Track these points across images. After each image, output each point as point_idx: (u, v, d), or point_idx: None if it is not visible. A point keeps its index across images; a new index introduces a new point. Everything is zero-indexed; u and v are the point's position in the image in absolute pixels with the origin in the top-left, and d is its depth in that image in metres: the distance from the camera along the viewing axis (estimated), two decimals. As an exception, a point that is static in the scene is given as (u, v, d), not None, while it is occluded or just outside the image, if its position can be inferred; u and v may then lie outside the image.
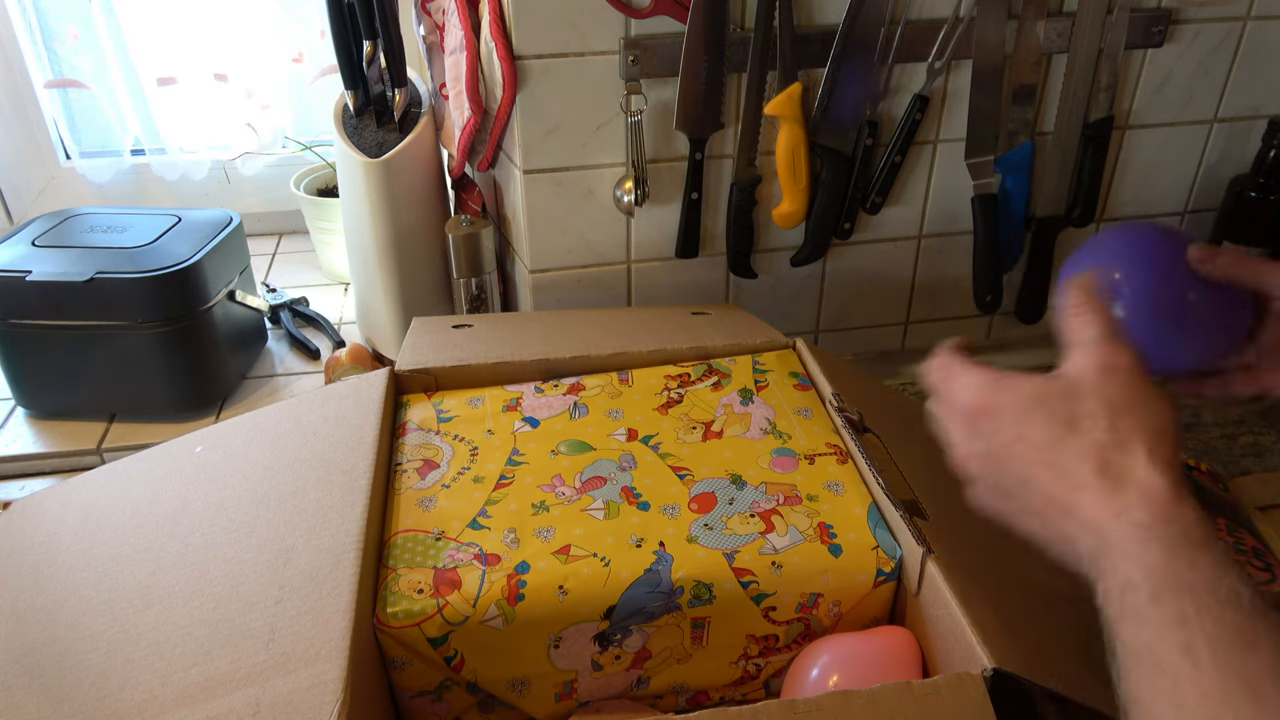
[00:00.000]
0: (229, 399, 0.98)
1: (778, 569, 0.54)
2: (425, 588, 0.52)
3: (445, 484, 0.60)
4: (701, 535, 0.56)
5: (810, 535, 0.56)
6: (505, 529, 0.56)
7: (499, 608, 0.51)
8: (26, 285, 0.86)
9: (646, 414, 0.67)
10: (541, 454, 0.63)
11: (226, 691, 0.46)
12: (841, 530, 0.57)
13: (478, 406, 0.68)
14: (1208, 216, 1.05)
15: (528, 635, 0.52)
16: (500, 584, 0.52)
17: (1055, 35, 0.90)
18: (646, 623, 0.54)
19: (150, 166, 1.29)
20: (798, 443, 0.64)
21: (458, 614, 0.51)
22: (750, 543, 0.55)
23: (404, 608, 0.51)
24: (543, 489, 0.59)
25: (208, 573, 0.54)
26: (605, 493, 0.59)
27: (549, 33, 0.82)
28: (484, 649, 0.53)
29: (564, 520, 0.57)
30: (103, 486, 0.66)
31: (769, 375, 0.72)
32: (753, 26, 0.83)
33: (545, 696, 0.56)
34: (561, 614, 0.52)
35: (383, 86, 0.95)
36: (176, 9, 1.19)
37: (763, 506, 0.58)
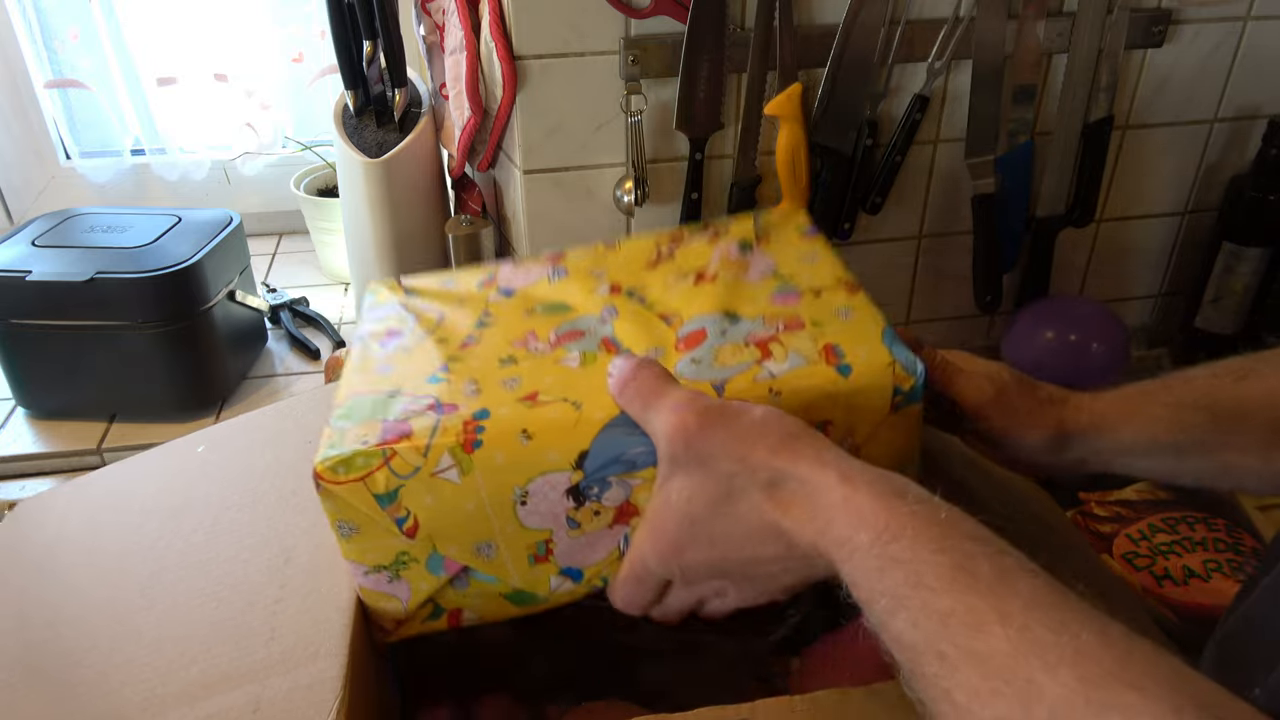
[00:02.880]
0: (229, 399, 0.98)
1: (775, 395, 0.47)
2: (371, 438, 0.45)
3: (406, 348, 0.54)
4: (686, 371, 0.48)
5: (814, 358, 0.48)
6: (467, 380, 0.49)
7: (453, 456, 0.45)
8: (26, 285, 0.86)
9: (633, 270, 0.59)
10: (514, 314, 0.56)
11: (227, 690, 0.46)
12: (851, 349, 0.48)
13: (449, 286, 0.61)
14: (1208, 216, 1.05)
15: (489, 489, 0.46)
16: (455, 429, 0.45)
17: (1055, 35, 0.90)
18: (628, 473, 0.46)
19: (150, 166, 1.29)
20: (803, 281, 0.55)
21: (406, 465, 0.45)
22: (743, 371, 0.48)
23: (345, 460, 0.45)
24: (513, 344, 0.53)
25: (208, 572, 0.54)
26: (583, 344, 0.52)
27: (549, 33, 0.82)
28: (440, 508, 0.46)
29: (533, 371, 0.50)
30: (105, 486, 0.66)
31: (771, 229, 0.62)
32: (753, 26, 0.83)
33: (518, 559, 0.49)
34: (526, 462, 0.45)
35: (383, 86, 0.95)
36: (176, 9, 1.19)
37: (759, 335, 0.50)
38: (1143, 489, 0.80)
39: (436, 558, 0.48)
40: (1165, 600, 0.70)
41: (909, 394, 0.48)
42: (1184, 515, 0.76)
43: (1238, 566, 0.72)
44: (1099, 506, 0.79)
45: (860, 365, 0.48)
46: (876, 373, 0.47)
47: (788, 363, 0.48)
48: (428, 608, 0.51)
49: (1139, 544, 0.74)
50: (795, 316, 0.52)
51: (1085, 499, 0.80)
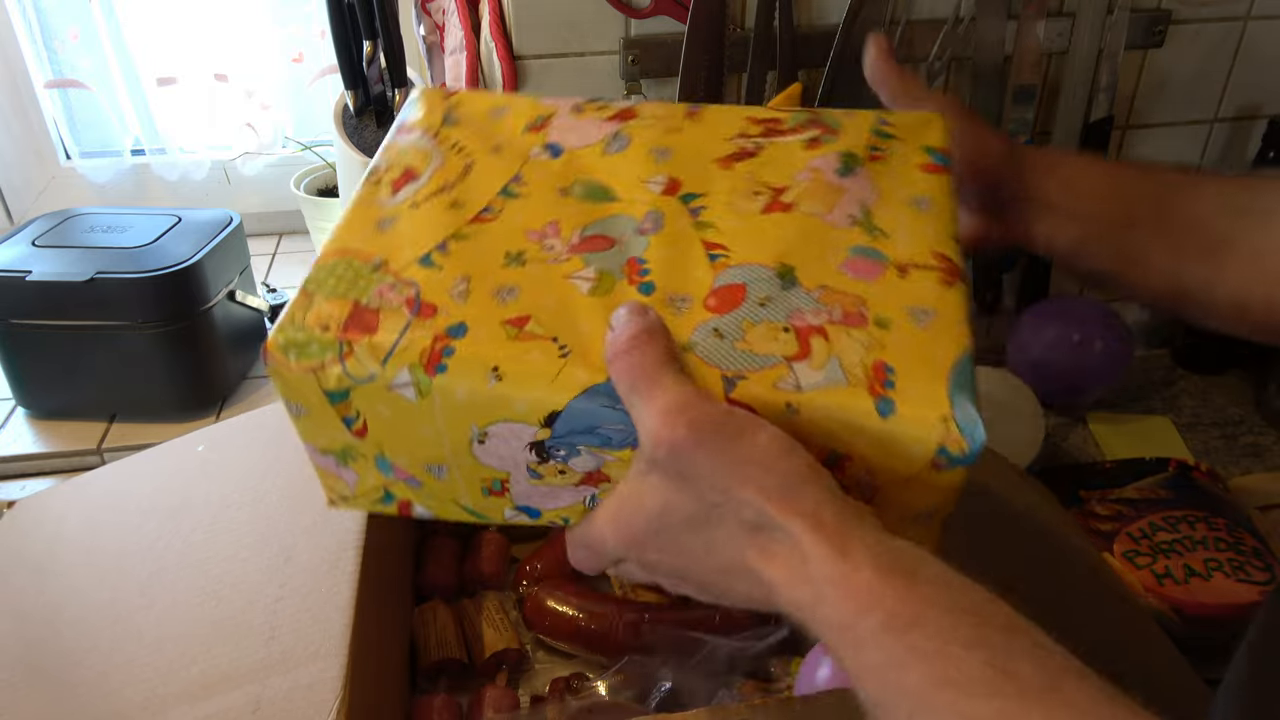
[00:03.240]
0: (229, 399, 0.98)
1: (792, 413, 0.38)
2: (333, 325, 0.41)
3: (415, 203, 0.47)
4: (702, 343, 0.40)
5: (856, 377, 0.38)
6: (460, 275, 0.43)
7: (412, 374, 0.40)
8: (27, 285, 0.86)
9: (703, 162, 0.48)
10: (547, 188, 0.48)
11: (227, 689, 0.46)
12: (906, 379, 0.38)
13: (497, 119, 0.53)
14: (1207, 216, 1.05)
15: (445, 419, 0.41)
16: (422, 344, 0.40)
17: (1055, 35, 0.90)
18: (601, 448, 0.40)
19: (150, 166, 1.29)
20: (894, 245, 0.44)
21: (362, 369, 0.40)
22: (766, 368, 0.39)
23: (299, 344, 0.41)
24: (528, 236, 0.45)
25: (209, 571, 0.54)
26: (604, 260, 0.44)
27: (549, 33, 0.82)
28: (391, 421, 0.42)
29: (536, 282, 0.42)
30: (105, 486, 0.66)
31: (892, 143, 0.49)
32: (753, 26, 0.84)
33: (471, 488, 0.44)
34: (489, 404, 0.40)
35: (383, 86, 0.95)
36: (176, 9, 1.19)
37: (806, 319, 0.40)
38: (1143, 488, 0.80)
39: (385, 461, 0.44)
40: (1166, 599, 0.70)
41: (956, 458, 0.38)
42: (1185, 514, 0.76)
43: (1238, 565, 0.72)
44: (1100, 505, 0.79)
45: (908, 407, 0.38)
46: (924, 424, 0.38)
47: (822, 374, 0.38)
48: (378, 493, 0.46)
49: (1140, 543, 0.74)
50: (860, 304, 0.41)
51: (1086, 497, 0.80)
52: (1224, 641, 0.67)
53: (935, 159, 0.49)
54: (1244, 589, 0.70)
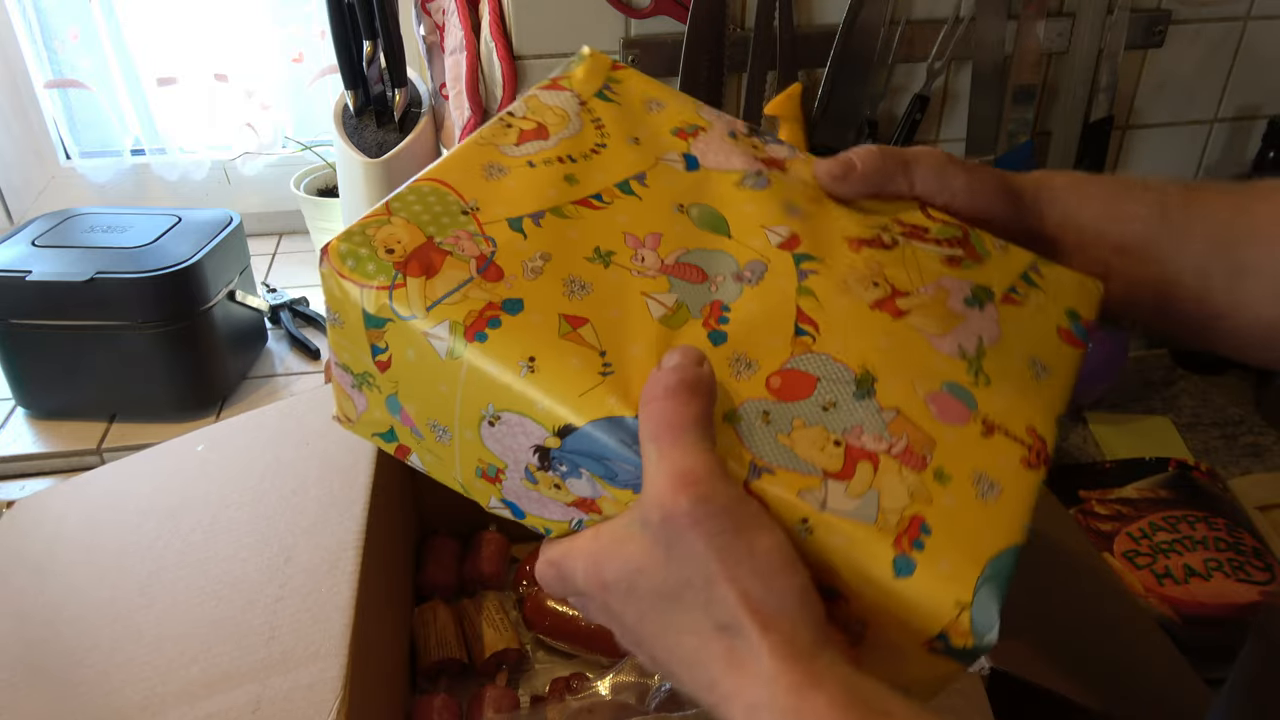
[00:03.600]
0: (229, 399, 0.98)
1: (806, 530, 0.35)
2: (398, 251, 0.39)
3: (533, 162, 0.45)
4: (746, 420, 0.37)
5: (887, 521, 0.35)
6: (541, 250, 0.41)
7: (451, 331, 0.38)
8: (26, 285, 0.86)
9: (833, 234, 0.45)
10: (665, 198, 0.45)
11: (227, 689, 0.46)
12: (940, 545, 0.35)
13: (650, 111, 0.50)
14: (1207, 216, 1.05)
15: (465, 387, 0.39)
16: (472, 306, 0.38)
17: (1055, 35, 0.90)
18: (604, 480, 0.38)
19: (150, 166, 1.29)
20: (992, 398, 0.40)
21: (406, 306, 0.38)
22: (798, 473, 0.36)
23: (359, 257, 0.39)
24: (626, 238, 0.43)
25: (208, 571, 0.54)
26: (689, 292, 0.41)
27: (549, 33, 0.82)
28: (414, 367, 0.40)
29: (611, 288, 0.40)
30: (105, 486, 0.66)
31: (1035, 293, 0.45)
32: (753, 26, 0.84)
33: (466, 464, 0.42)
34: (511, 391, 0.38)
35: (383, 86, 0.95)
36: (176, 9, 1.19)
37: (863, 440, 0.37)
38: (1143, 488, 0.80)
39: (395, 402, 0.42)
40: (1166, 599, 0.70)
41: (955, 650, 0.34)
42: (1185, 514, 0.76)
43: (1238, 565, 0.72)
44: (1100, 505, 0.79)
45: (927, 577, 0.34)
46: (936, 602, 0.34)
47: (854, 504, 0.35)
48: (381, 428, 0.45)
49: (1139, 542, 0.74)
50: (928, 446, 0.37)
51: (1086, 497, 0.80)
52: (1224, 641, 0.68)
53: (1075, 329, 0.45)
54: (1244, 589, 0.70)
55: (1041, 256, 0.47)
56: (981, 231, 0.47)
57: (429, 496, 0.77)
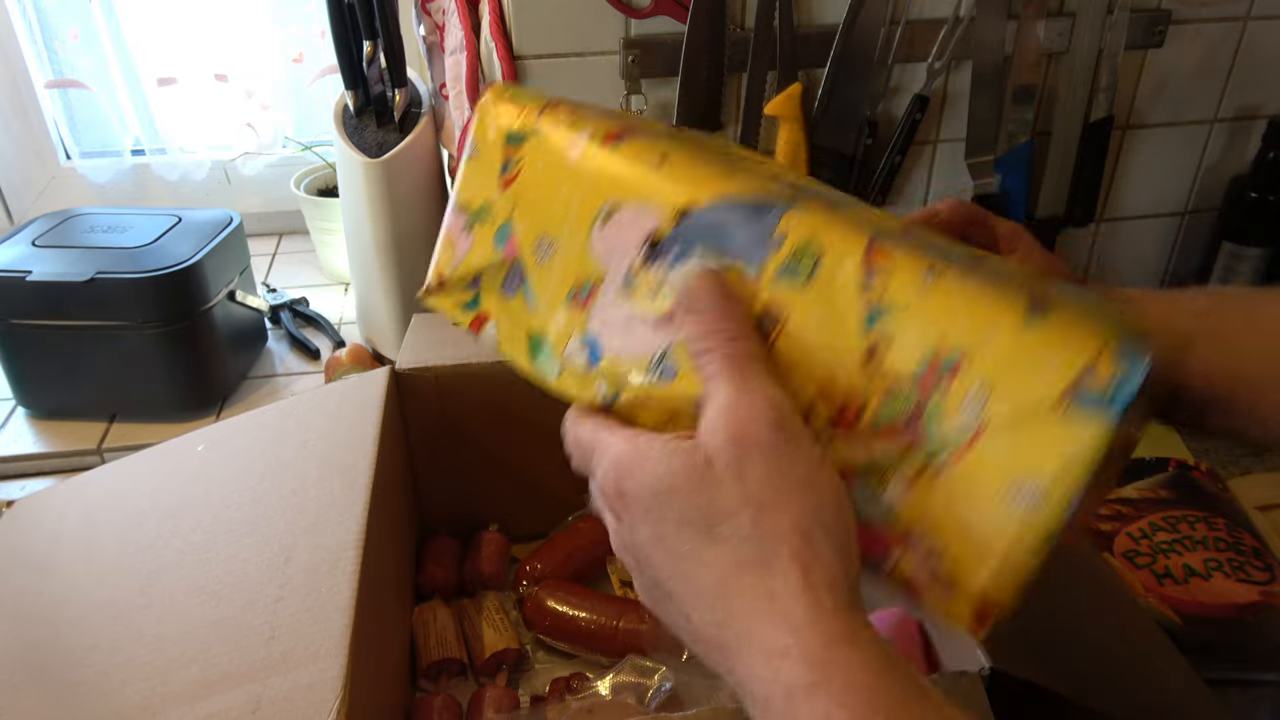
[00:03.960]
0: (229, 399, 0.98)
1: (929, 276, 0.34)
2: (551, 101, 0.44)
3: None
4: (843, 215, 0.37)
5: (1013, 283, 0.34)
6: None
7: (590, 140, 0.41)
8: (27, 285, 0.86)
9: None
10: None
11: (227, 689, 0.46)
12: (1064, 313, 0.33)
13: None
14: (1208, 216, 1.05)
15: (590, 183, 0.41)
16: (611, 127, 0.42)
17: (1055, 35, 0.90)
18: (715, 257, 0.38)
19: (150, 166, 1.29)
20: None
21: (553, 123, 0.43)
22: (909, 250, 0.35)
23: (514, 91, 0.45)
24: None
25: (208, 571, 0.54)
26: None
27: (549, 33, 0.82)
28: (541, 175, 0.43)
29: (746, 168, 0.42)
30: (104, 485, 0.66)
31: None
32: (753, 26, 0.84)
33: (560, 285, 0.43)
34: (638, 182, 0.40)
35: (383, 86, 0.95)
36: (176, 9, 1.19)
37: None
38: (1143, 488, 0.80)
39: (506, 230, 0.45)
40: (1166, 599, 0.70)
41: (1094, 397, 0.31)
42: (1185, 514, 0.76)
43: (1238, 565, 0.72)
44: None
45: (1063, 318, 0.33)
46: (1076, 338, 0.32)
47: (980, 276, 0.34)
48: (468, 289, 0.47)
49: (1139, 542, 0.74)
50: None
51: (1085, 499, 0.80)
52: (1224, 641, 0.68)
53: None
54: (1244, 589, 0.70)
55: None
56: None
57: (429, 496, 0.77)
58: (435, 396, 0.72)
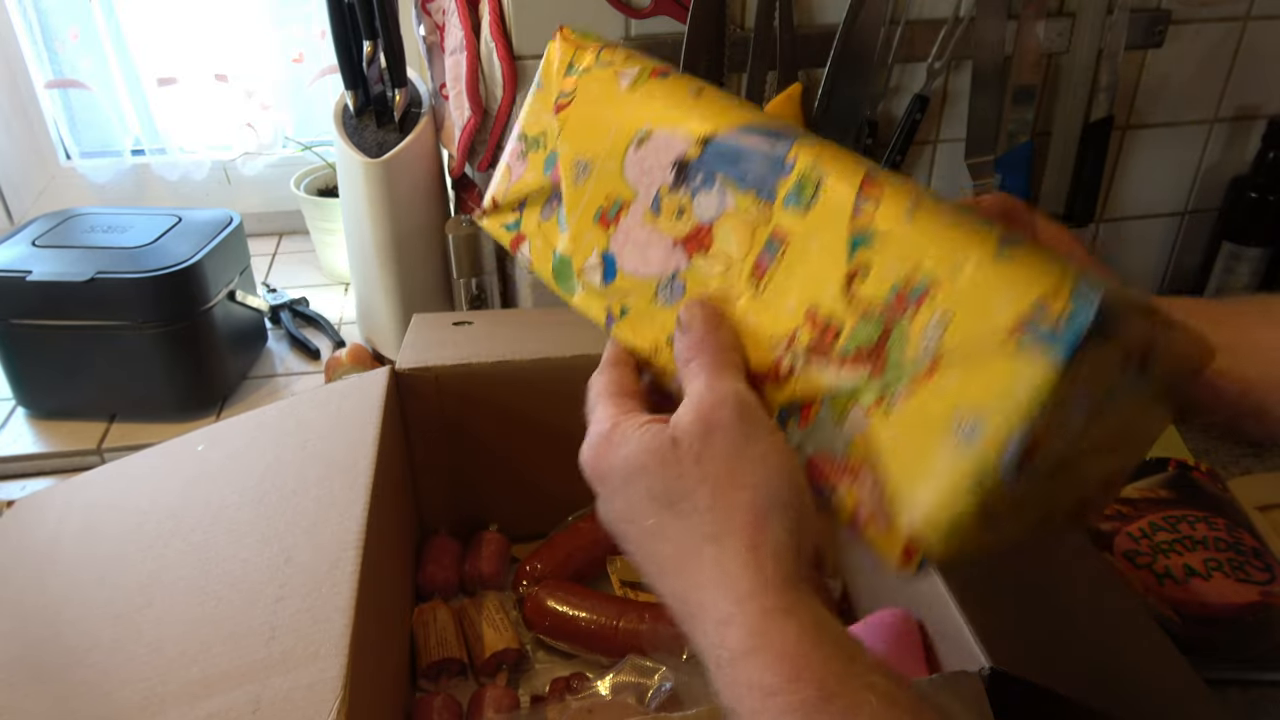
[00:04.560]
0: (229, 399, 0.98)
1: (911, 212, 0.35)
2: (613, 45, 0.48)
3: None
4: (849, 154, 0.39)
5: (985, 230, 0.33)
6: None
7: (640, 72, 0.45)
8: (27, 285, 0.86)
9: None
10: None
11: (227, 689, 0.46)
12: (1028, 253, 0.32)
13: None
14: (1208, 216, 1.05)
15: (630, 111, 0.45)
16: (657, 66, 0.46)
17: (1055, 35, 0.90)
18: (734, 186, 0.40)
19: (150, 166, 1.29)
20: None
21: (610, 57, 0.47)
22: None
23: (591, 35, 0.49)
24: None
25: (209, 571, 0.54)
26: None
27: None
28: (592, 102, 0.47)
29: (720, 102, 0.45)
30: (104, 485, 0.66)
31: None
32: (753, 26, 0.84)
33: (591, 204, 0.46)
34: (672, 109, 0.43)
35: (383, 86, 0.95)
36: (176, 9, 1.19)
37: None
38: (1143, 488, 0.80)
39: (553, 157, 0.48)
40: (1166, 599, 0.70)
41: (1044, 333, 0.30)
42: (1185, 514, 0.76)
43: (1238, 565, 0.72)
44: (1099, 506, 0.79)
45: (1027, 256, 0.32)
46: (1036, 271, 0.31)
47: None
48: (514, 211, 0.50)
49: (1139, 542, 0.74)
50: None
51: (1085, 499, 0.80)
52: (1224, 641, 0.68)
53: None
54: (1244, 589, 0.70)
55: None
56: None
57: (429, 496, 0.77)
58: (435, 396, 0.72)
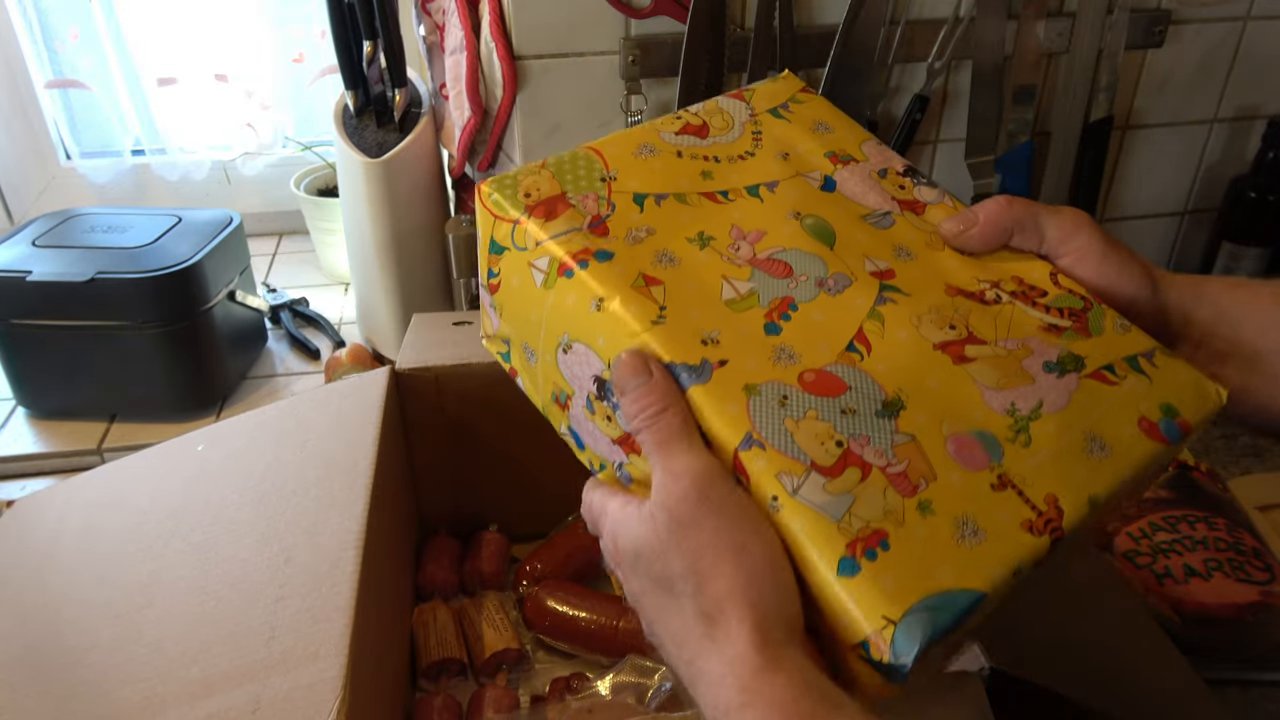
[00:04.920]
0: (229, 399, 0.98)
1: (775, 507, 0.37)
2: (533, 197, 0.45)
3: (680, 152, 0.49)
4: (760, 398, 0.39)
5: (845, 525, 0.36)
6: (649, 226, 0.45)
7: (550, 264, 0.44)
8: (27, 285, 0.86)
9: (934, 278, 0.45)
10: (782, 205, 0.47)
11: (227, 689, 0.46)
12: (890, 562, 0.35)
13: (815, 132, 0.52)
14: (1208, 216, 1.05)
15: (550, 317, 0.44)
16: (572, 248, 0.43)
17: (1055, 35, 0.90)
18: None
19: (150, 166, 1.29)
20: (1022, 460, 0.39)
21: (521, 239, 0.45)
22: (784, 455, 0.37)
23: (501, 196, 0.46)
24: (731, 230, 0.45)
25: (208, 571, 0.54)
26: (767, 284, 0.43)
27: (549, 33, 0.82)
28: (516, 293, 0.46)
29: (695, 266, 0.44)
30: (104, 485, 0.66)
31: (1138, 380, 0.43)
32: (753, 26, 0.84)
33: (545, 388, 0.47)
34: (582, 323, 0.43)
35: (383, 86, 0.95)
36: (176, 9, 1.19)
37: (865, 450, 0.38)
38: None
39: (496, 316, 0.49)
40: (1166, 599, 0.70)
41: (876, 665, 0.35)
42: (1185, 514, 0.76)
43: (1238, 565, 0.72)
44: (1099, 506, 0.78)
45: (864, 584, 0.35)
46: (864, 608, 0.34)
47: (825, 500, 0.36)
48: (504, 347, 0.50)
49: (1139, 542, 0.74)
50: (924, 478, 0.37)
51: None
52: (1224, 641, 0.68)
53: (1165, 425, 0.41)
54: (1244, 589, 0.70)
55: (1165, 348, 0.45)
56: (1109, 310, 0.46)
57: (429, 496, 0.77)
58: (435, 396, 0.72)
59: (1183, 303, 0.47)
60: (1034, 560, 0.36)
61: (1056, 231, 0.47)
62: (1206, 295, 0.47)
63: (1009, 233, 0.47)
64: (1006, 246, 0.47)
